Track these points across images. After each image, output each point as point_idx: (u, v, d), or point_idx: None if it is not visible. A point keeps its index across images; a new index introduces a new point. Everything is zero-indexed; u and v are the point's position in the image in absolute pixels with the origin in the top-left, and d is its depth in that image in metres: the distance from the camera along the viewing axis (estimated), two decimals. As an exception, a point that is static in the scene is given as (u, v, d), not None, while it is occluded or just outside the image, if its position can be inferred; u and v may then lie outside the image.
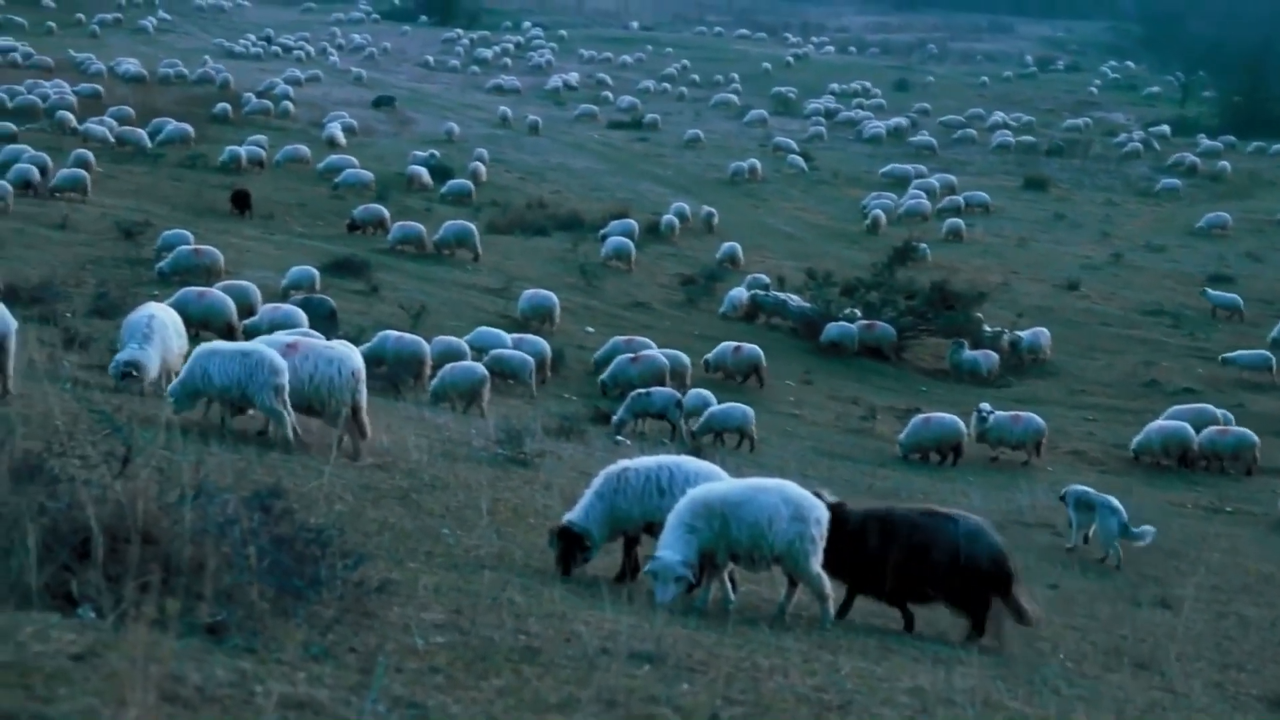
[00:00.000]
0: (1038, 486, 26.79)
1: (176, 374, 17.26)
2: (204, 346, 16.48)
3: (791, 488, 11.90)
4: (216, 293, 29.80)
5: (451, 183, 60.21)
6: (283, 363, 15.89)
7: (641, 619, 9.73)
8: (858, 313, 43.99)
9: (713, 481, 12.43)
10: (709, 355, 36.50)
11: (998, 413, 31.65)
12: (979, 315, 44.79)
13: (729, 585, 11.97)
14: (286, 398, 15.90)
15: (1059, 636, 14.06)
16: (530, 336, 34.53)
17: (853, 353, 41.97)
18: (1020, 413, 32.39)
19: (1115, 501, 21.34)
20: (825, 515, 11.80)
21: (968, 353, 41.34)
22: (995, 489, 26.76)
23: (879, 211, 63.49)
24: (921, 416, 31.54)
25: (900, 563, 12.60)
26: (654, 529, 12.32)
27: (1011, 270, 56.90)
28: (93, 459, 10.83)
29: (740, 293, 45.36)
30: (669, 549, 11.20)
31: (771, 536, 11.43)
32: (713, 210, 61.27)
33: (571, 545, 12.24)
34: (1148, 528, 21.05)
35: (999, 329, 44.28)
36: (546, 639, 8.44)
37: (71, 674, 5.51)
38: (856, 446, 31.47)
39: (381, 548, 10.92)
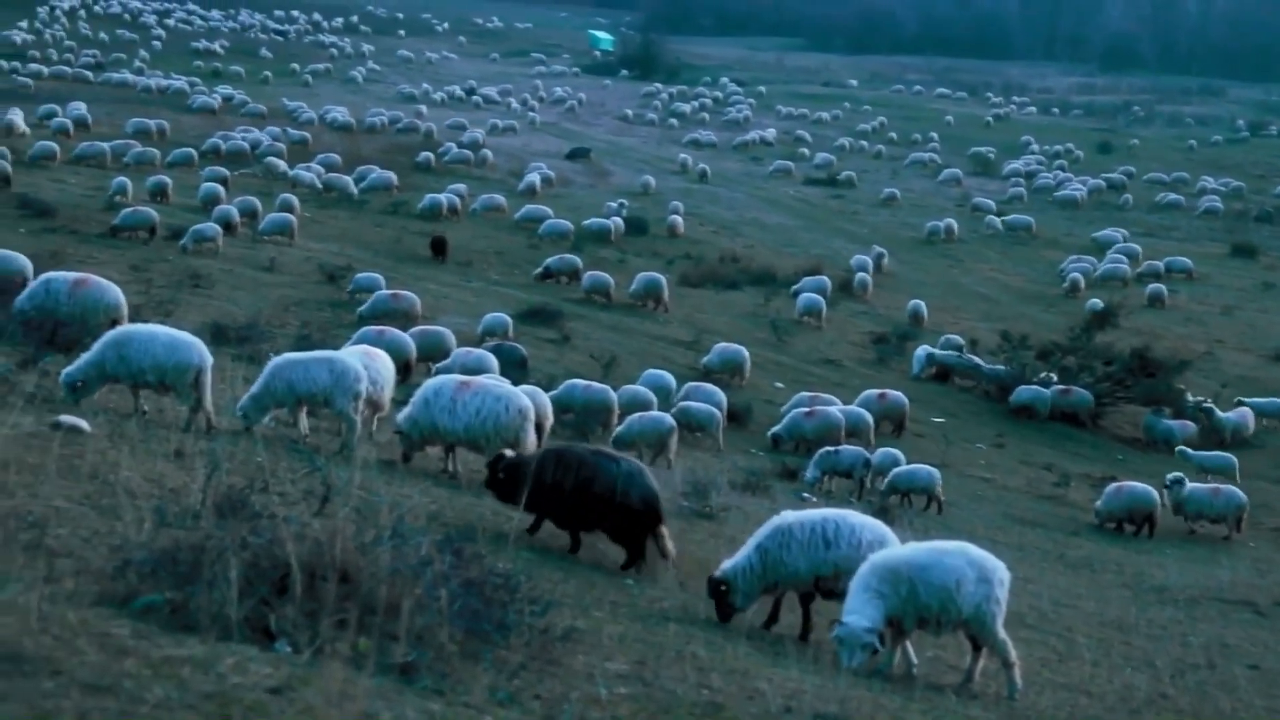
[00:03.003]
0: (1240, 563, 25.85)
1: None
2: (281, 358, 17.09)
3: (973, 549, 11.67)
4: (395, 332, 30.48)
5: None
6: (364, 371, 16.86)
7: (826, 679, 9.62)
8: (1053, 377, 43.11)
9: (879, 537, 12.33)
10: (856, 402, 36.05)
11: (1195, 485, 30.66)
12: (1181, 385, 43.54)
13: (911, 650, 11.77)
14: (361, 405, 16.88)
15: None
16: (707, 385, 34.48)
17: (1045, 417, 41.10)
18: (1221, 485, 31.32)
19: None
20: (1007, 576, 11.57)
21: (1165, 421, 40.16)
22: (1194, 562, 25.87)
23: (1077, 275, 62.25)
24: (1115, 485, 30.70)
25: (570, 491, 13.89)
26: (820, 583, 12.27)
27: (1216, 339, 55.21)
28: (292, 496, 11.16)
29: (924, 350, 44.97)
30: (856, 614, 10.97)
31: (960, 600, 11.20)
32: (883, 251, 60.98)
33: (720, 596, 12.26)
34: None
35: (1200, 399, 42.95)
36: (729, 695, 8.39)
37: (269, 707, 5.63)
38: (1048, 514, 30.73)
39: (567, 595, 10.97)
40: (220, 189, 54.34)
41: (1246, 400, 42.79)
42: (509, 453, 14.98)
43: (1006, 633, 11.53)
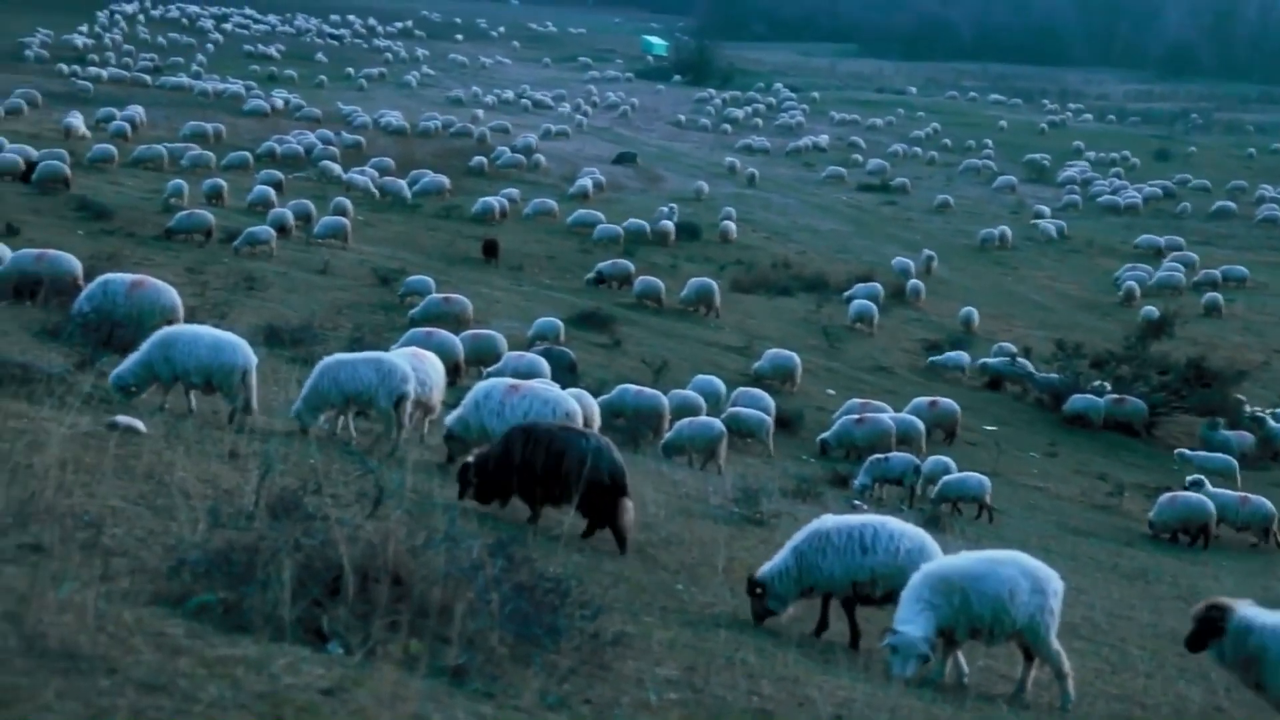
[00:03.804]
0: (1297, 576, 25.56)
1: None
2: (329, 359, 17.21)
3: (1026, 559, 11.59)
4: (444, 333, 30.68)
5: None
6: (411, 372, 17.03)
7: (876, 688, 9.58)
8: (1107, 386, 42.80)
9: (919, 545, 12.30)
10: (907, 409, 35.90)
11: (1221, 491, 30.65)
12: (1238, 395, 43.12)
13: (962, 659, 11.69)
14: (410, 406, 17.04)
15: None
16: (755, 391, 34.44)
17: (1099, 426, 40.81)
18: (1250, 495, 31.06)
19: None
20: (1061, 586, 11.49)
21: (1222, 432, 39.79)
22: (1250, 575, 25.58)
23: (1133, 283, 61.79)
24: (1169, 495, 30.46)
25: (542, 466, 14.10)
26: (858, 588, 12.25)
27: (1274, 348, 54.62)
28: (345, 498, 11.21)
29: (962, 355, 45.05)
30: (908, 624, 10.90)
31: (1013, 610, 11.11)
32: (932, 254, 60.91)
33: (756, 598, 12.31)
34: None
35: (1256, 409, 42.53)
36: (779, 702, 8.37)
37: (321, 708, 5.65)
38: (1102, 523, 30.48)
39: (617, 600, 10.96)
40: (271, 191, 54.81)
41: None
42: (470, 459, 15.04)
43: (1060, 643, 11.44)
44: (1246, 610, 11.00)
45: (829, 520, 12.76)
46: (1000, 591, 11.12)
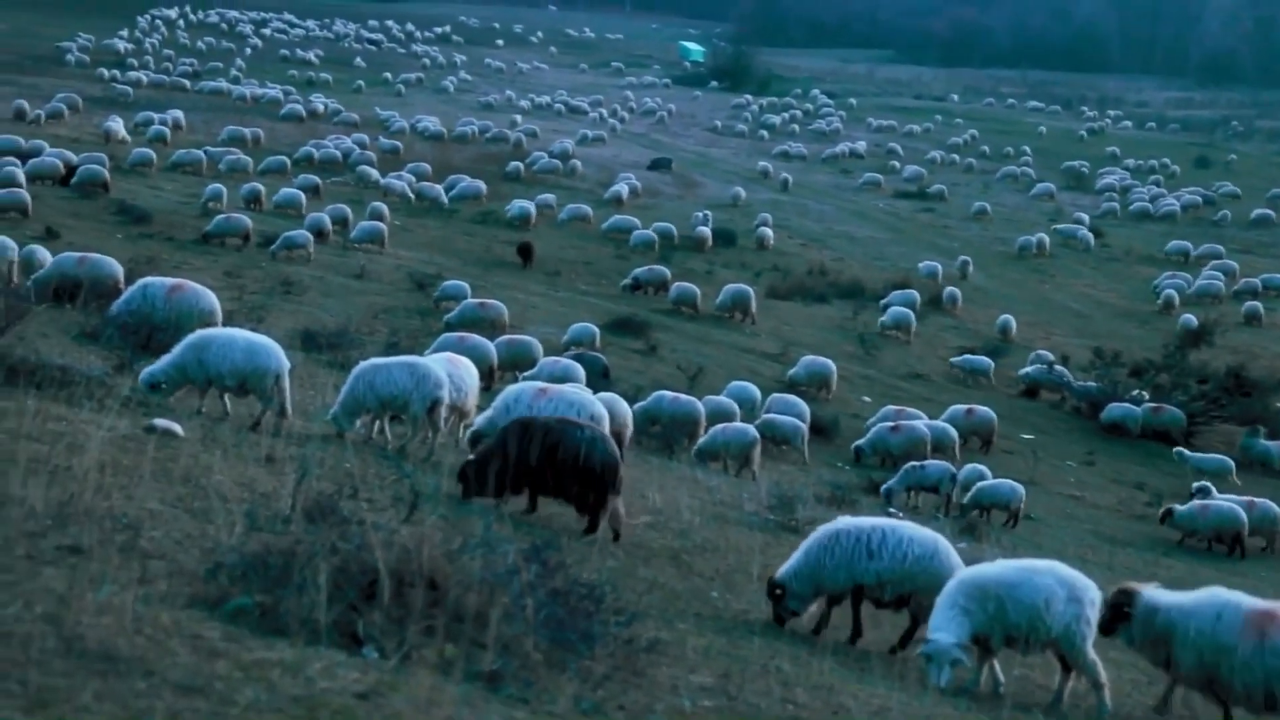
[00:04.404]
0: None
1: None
2: (365, 363, 17.29)
3: (1063, 568, 11.55)
4: (476, 338, 30.81)
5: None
6: (445, 377, 17.06)
7: (912, 696, 9.54)
8: (1145, 394, 42.55)
9: (929, 550, 12.30)
10: (943, 417, 35.78)
11: (1227, 496, 30.60)
12: (1279, 404, 42.82)
13: (998, 669, 11.64)
14: (445, 410, 17.06)
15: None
16: (790, 397, 34.39)
17: (1137, 435, 40.58)
18: (1255, 499, 30.88)
19: None
20: (1098, 596, 11.44)
21: (1262, 442, 39.51)
22: (1289, 587, 25.37)
23: (1171, 291, 61.39)
24: (1200, 503, 30.32)
25: (538, 458, 14.14)
26: (866, 591, 12.30)
27: (1316, 359, 54.20)
28: (381, 502, 11.25)
29: (973, 359, 45.13)
30: (943, 631, 10.87)
31: (1049, 619, 11.06)
32: (967, 259, 60.89)
33: (776, 599, 12.36)
34: None
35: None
36: (814, 710, 8.34)
37: (356, 712, 5.67)
38: (1140, 533, 30.32)
39: (651, 607, 10.95)
40: (300, 195, 55.13)
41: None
42: (470, 456, 15.08)
43: (1096, 653, 11.37)
44: (1152, 593, 11.49)
45: (842, 522, 12.83)
46: (1036, 600, 11.09)
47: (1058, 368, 44.89)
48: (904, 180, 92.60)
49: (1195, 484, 32.10)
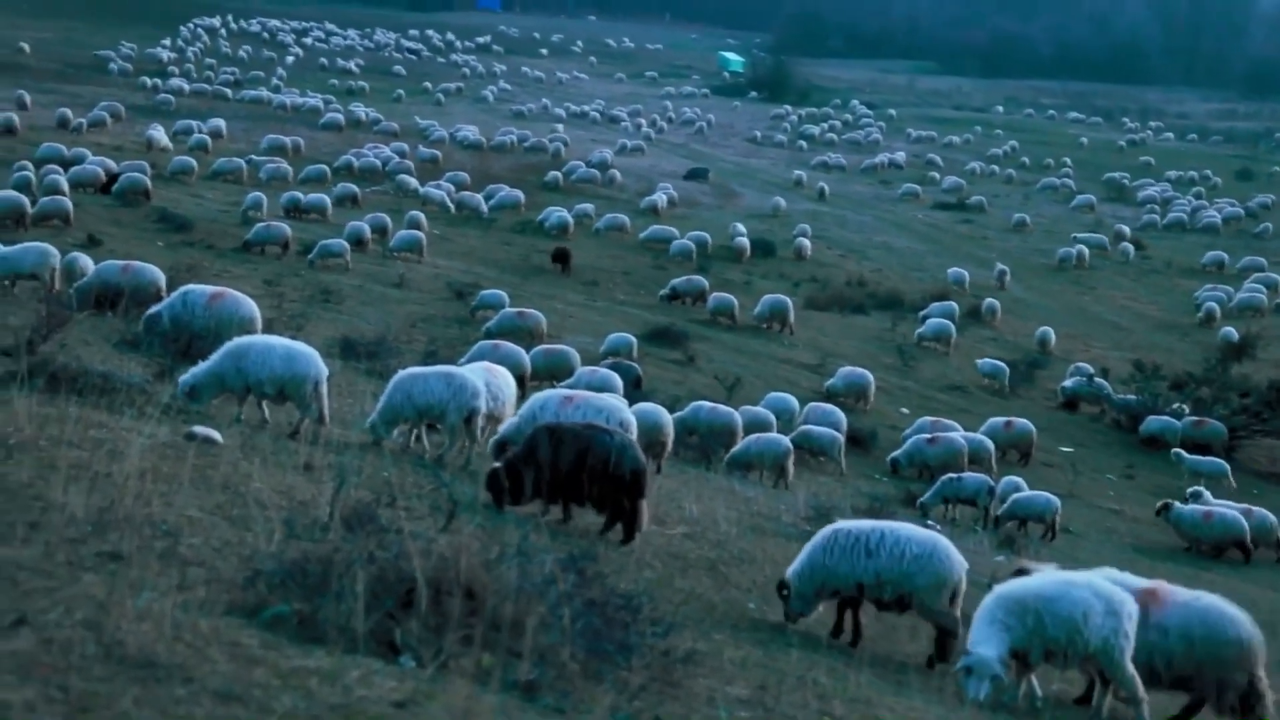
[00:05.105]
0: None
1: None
2: (404, 373, 17.32)
3: (1100, 582, 11.45)
4: (510, 346, 31.17)
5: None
6: (482, 388, 17.10)
7: (949, 710, 9.49)
8: (1185, 408, 42.25)
9: (928, 551, 12.35)
10: (981, 429, 35.64)
11: (1226, 504, 30.35)
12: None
13: (1036, 683, 11.57)
14: (481, 420, 17.08)
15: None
16: (826, 406, 34.32)
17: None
18: (1253, 507, 30.66)
19: None
20: (1135, 609, 11.34)
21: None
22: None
23: (1213, 304, 60.95)
24: (1204, 509, 30.14)
25: (568, 463, 14.16)
26: (864, 590, 12.41)
27: (1359, 373, 53.70)
28: (419, 511, 11.27)
29: (988, 364, 45.38)
30: (983, 645, 10.79)
31: (1087, 633, 10.99)
32: (1005, 268, 60.80)
33: (783, 599, 12.55)
34: None
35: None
36: (851, 723, 8.30)
37: (393, 721, 5.68)
38: (1180, 547, 30.08)
39: (688, 618, 10.92)
40: (326, 199, 55.54)
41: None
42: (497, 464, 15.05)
43: (1135, 668, 11.29)
44: (1042, 571, 11.97)
45: (843, 523, 13.06)
46: (1074, 613, 11.00)
47: (1097, 380, 44.65)
48: (943, 191, 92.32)
49: (1190, 488, 31.89)
